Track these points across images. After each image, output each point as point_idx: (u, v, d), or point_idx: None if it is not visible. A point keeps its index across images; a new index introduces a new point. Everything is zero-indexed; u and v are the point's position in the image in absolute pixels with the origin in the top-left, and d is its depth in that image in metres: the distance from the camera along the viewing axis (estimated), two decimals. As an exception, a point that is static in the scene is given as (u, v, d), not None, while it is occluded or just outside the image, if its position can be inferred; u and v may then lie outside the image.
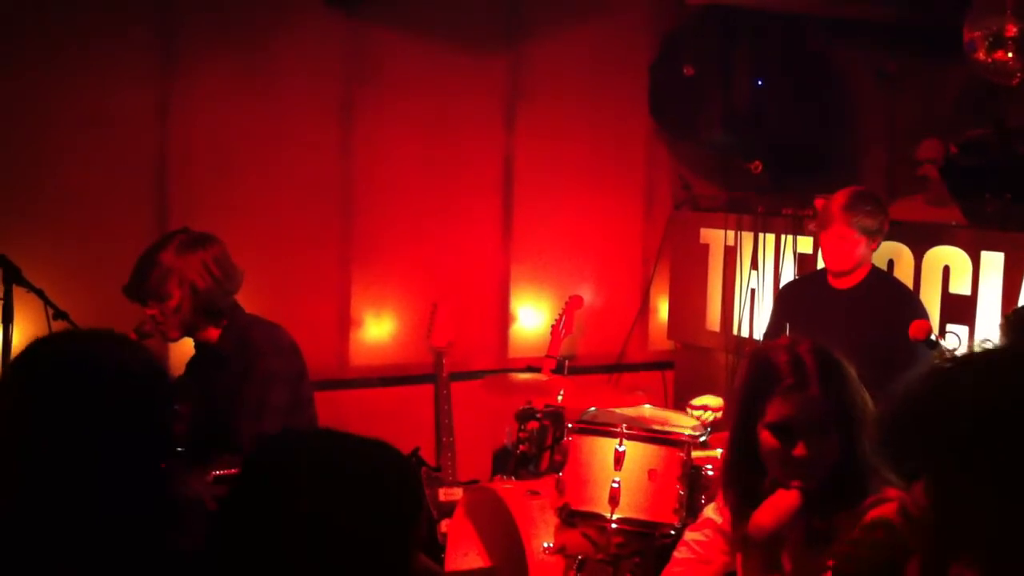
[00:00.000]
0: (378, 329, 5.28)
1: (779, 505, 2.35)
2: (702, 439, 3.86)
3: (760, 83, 5.36)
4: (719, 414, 4.23)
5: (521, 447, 4.64)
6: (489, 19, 5.43)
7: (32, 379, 1.86)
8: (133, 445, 1.84)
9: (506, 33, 5.47)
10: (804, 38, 5.74)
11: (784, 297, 4.65)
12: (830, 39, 5.81)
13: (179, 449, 3.02)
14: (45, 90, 4.47)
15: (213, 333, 3.63)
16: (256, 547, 1.52)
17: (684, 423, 4.06)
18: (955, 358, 1.47)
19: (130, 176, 4.70)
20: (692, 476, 3.68)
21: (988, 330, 4.30)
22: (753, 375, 2.47)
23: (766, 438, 2.39)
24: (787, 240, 5.17)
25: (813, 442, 2.35)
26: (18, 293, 3.86)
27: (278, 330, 3.67)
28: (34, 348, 1.92)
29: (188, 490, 3.01)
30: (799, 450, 2.34)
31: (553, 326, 5.21)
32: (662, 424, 4.07)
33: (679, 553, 2.72)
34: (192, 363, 3.82)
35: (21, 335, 3.85)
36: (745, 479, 2.47)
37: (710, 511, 2.70)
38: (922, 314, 4.14)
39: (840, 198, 4.17)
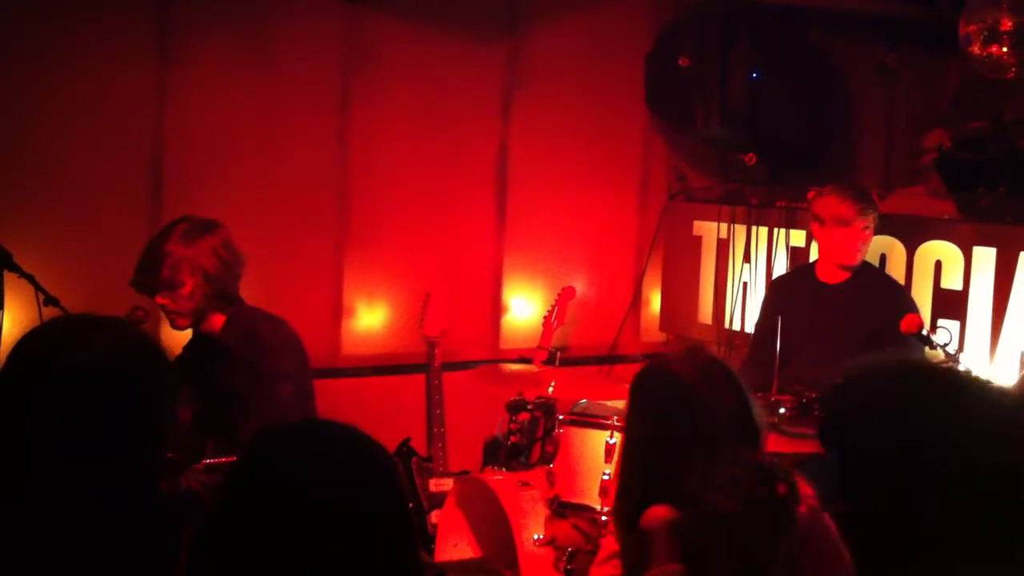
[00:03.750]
0: (371, 318, 5.28)
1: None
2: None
3: (756, 75, 5.34)
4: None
5: (512, 438, 4.64)
6: (487, 8, 5.41)
7: (26, 372, 1.81)
8: (134, 436, 1.81)
9: (504, 23, 5.45)
10: (803, 31, 5.73)
11: (774, 292, 4.65)
12: (829, 32, 5.80)
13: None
14: (40, 75, 4.44)
15: (217, 322, 3.59)
16: (257, 545, 1.50)
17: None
18: None
19: (125, 161, 4.68)
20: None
21: (979, 325, 4.31)
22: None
23: None
24: (780, 233, 5.17)
25: None
26: (9, 279, 3.83)
27: (283, 325, 3.63)
28: (28, 339, 1.87)
29: (184, 482, 2.99)
30: None
31: (545, 317, 5.20)
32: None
33: None
34: (187, 351, 3.78)
35: (12, 320, 3.82)
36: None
37: None
38: (913, 308, 4.15)
39: (849, 198, 4.15)
